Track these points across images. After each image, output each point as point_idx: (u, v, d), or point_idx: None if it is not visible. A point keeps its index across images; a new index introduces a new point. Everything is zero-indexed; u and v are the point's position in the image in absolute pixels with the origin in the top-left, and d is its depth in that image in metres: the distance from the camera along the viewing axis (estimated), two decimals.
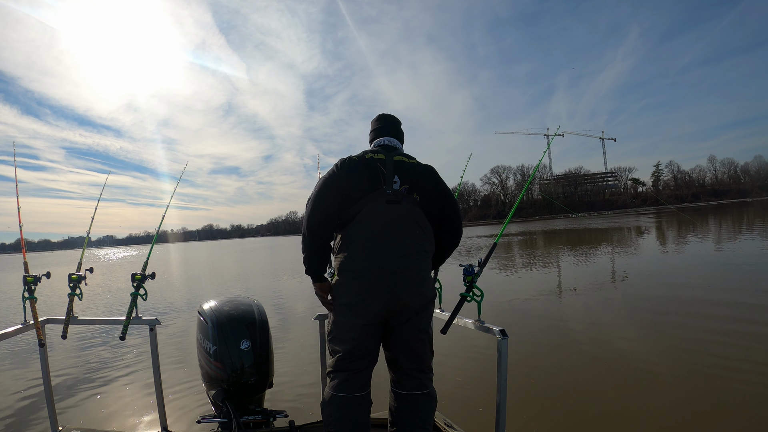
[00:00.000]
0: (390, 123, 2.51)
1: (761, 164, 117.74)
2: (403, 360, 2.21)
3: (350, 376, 2.14)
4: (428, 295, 2.22)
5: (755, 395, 4.21)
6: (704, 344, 5.77)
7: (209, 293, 14.39)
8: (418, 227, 2.19)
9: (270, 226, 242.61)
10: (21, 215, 2.96)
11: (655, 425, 3.79)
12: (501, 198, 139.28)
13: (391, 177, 2.22)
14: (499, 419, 2.31)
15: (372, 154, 2.30)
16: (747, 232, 23.02)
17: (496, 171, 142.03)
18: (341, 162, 2.27)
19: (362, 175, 2.21)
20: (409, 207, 2.19)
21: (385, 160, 2.27)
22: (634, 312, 7.92)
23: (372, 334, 2.15)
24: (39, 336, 2.66)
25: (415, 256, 2.15)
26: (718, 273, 11.33)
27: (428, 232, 2.25)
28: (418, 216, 2.20)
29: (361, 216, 2.15)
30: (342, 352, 2.15)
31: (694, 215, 45.48)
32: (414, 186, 2.25)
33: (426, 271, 2.22)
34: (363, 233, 2.13)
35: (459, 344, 6.11)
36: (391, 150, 2.36)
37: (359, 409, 2.15)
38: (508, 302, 9.28)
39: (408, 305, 2.13)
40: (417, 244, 2.17)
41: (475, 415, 4.08)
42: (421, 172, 2.32)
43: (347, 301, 2.14)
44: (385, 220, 2.14)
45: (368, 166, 2.24)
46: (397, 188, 2.21)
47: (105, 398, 5.14)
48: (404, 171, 2.26)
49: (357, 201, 2.17)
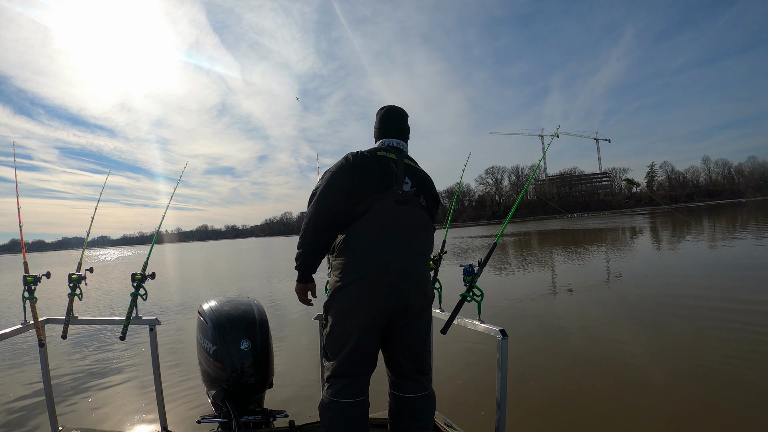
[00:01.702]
0: (400, 124, 2.45)
1: (755, 165, 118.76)
2: (403, 362, 2.19)
3: (350, 382, 2.09)
4: (429, 295, 2.23)
5: (750, 395, 4.25)
6: (699, 344, 5.82)
7: (209, 293, 14.34)
8: (424, 229, 2.21)
9: (265, 227, 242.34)
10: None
11: (655, 425, 3.82)
12: (496, 199, 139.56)
13: (402, 178, 2.21)
14: (499, 419, 2.32)
15: (384, 152, 2.26)
16: (741, 232, 23.16)
17: (491, 172, 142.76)
18: (352, 155, 2.19)
19: (373, 171, 2.16)
20: (417, 209, 2.20)
21: (397, 161, 2.25)
22: (629, 312, 7.97)
23: (373, 337, 2.11)
24: (39, 336, 2.65)
25: (420, 257, 2.17)
26: (712, 273, 11.42)
27: (431, 235, 2.28)
28: (424, 219, 2.23)
29: (370, 215, 2.09)
30: (341, 357, 2.10)
31: (688, 216, 45.64)
32: (421, 190, 2.26)
33: (428, 271, 2.24)
34: (371, 232, 2.08)
35: (459, 344, 6.13)
36: (400, 152, 2.34)
37: (359, 413, 2.12)
38: (504, 303, 9.31)
39: (411, 306, 2.11)
40: (422, 244, 2.19)
41: (475, 415, 4.09)
42: (426, 178, 2.35)
43: (350, 304, 2.07)
44: (395, 220, 2.12)
45: (380, 163, 2.20)
46: (407, 190, 2.20)
47: (105, 398, 5.13)
48: (414, 174, 2.27)
49: (366, 198, 2.11)
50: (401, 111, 2.49)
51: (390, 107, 2.50)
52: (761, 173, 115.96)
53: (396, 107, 2.50)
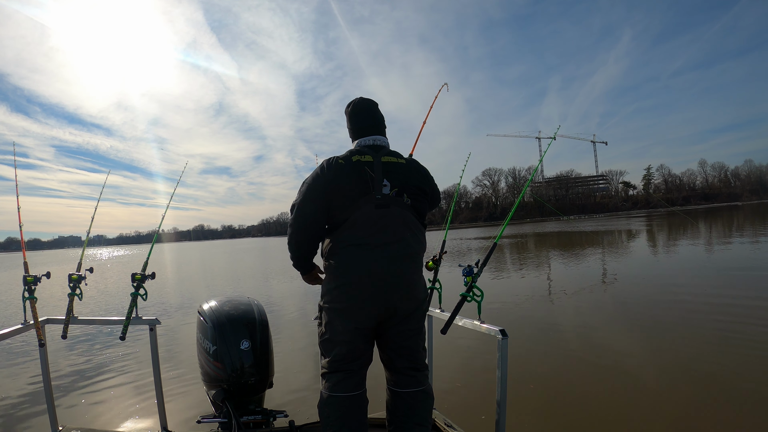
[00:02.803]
0: (372, 118, 2.35)
1: (752, 168, 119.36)
2: (398, 360, 2.20)
3: (345, 377, 2.12)
4: (419, 297, 2.20)
5: (746, 396, 4.28)
6: (696, 346, 5.85)
7: (208, 293, 14.30)
8: (409, 230, 2.15)
9: (261, 227, 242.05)
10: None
11: (654, 426, 3.84)
12: (492, 200, 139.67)
13: (381, 181, 2.14)
14: (499, 419, 2.32)
15: (359, 156, 2.18)
16: (737, 236, 23.27)
17: (488, 173, 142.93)
18: (327, 164, 2.16)
19: (350, 179, 2.12)
20: (400, 210, 2.13)
21: (374, 163, 2.17)
22: (626, 314, 8.00)
23: (365, 336, 2.13)
24: (39, 336, 2.65)
25: (407, 260, 2.13)
26: (708, 275, 11.47)
27: (419, 234, 2.21)
28: (408, 219, 2.15)
29: (350, 222, 2.09)
30: (334, 355, 2.14)
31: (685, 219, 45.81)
32: (404, 188, 2.17)
33: (417, 273, 2.20)
34: (353, 238, 2.09)
35: (459, 344, 6.15)
36: (379, 150, 2.24)
37: (356, 408, 2.13)
38: (501, 305, 9.32)
39: (399, 309, 2.11)
40: (408, 246, 2.13)
41: (475, 415, 4.10)
42: (410, 172, 2.24)
43: (339, 305, 2.11)
44: (376, 225, 2.08)
45: (356, 170, 2.14)
46: (387, 192, 2.13)
47: (105, 398, 5.13)
48: (394, 173, 2.18)
49: (346, 207, 2.10)
50: (370, 104, 2.39)
51: (357, 103, 2.39)
52: (758, 177, 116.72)
53: (364, 100, 2.40)
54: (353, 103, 2.40)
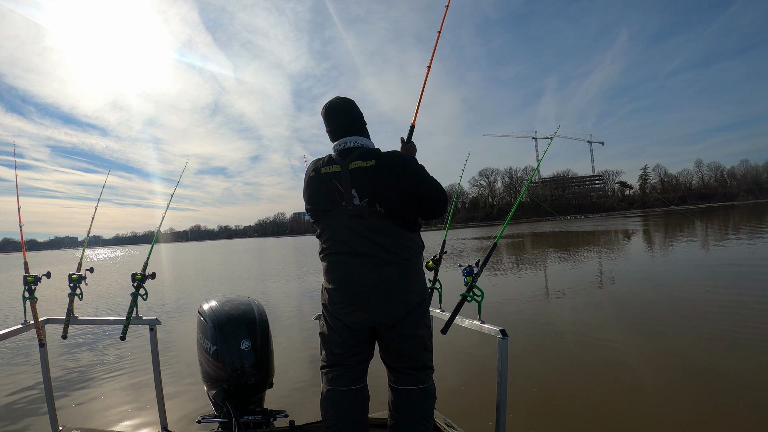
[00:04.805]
0: (340, 120, 2.28)
1: (748, 168, 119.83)
2: (396, 360, 2.20)
3: (343, 371, 2.16)
4: (411, 301, 2.14)
5: (743, 396, 4.31)
6: (694, 346, 5.88)
7: (208, 293, 14.27)
8: (386, 237, 2.09)
9: (257, 227, 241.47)
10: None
11: (653, 426, 3.85)
12: (489, 200, 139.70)
13: (350, 191, 2.11)
14: (500, 419, 2.32)
15: (328, 167, 2.17)
16: (733, 235, 23.36)
17: (484, 173, 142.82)
18: (306, 173, 2.28)
19: (322, 192, 2.18)
20: (373, 220, 2.09)
21: (341, 173, 2.13)
22: (623, 314, 8.04)
23: (359, 337, 2.15)
24: (39, 336, 2.65)
25: (386, 267, 2.08)
26: (704, 274, 11.51)
27: (399, 241, 2.13)
28: (384, 227, 2.09)
29: (327, 232, 2.17)
30: (332, 350, 2.19)
31: (680, 219, 45.94)
32: (374, 198, 2.09)
33: (404, 279, 2.12)
34: (334, 246, 2.15)
35: (459, 344, 6.17)
36: (349, 154, 2.18)
37: (355, 402, 2.15)
38: (499, 306, 9.34)
39: (387, 315, 2.09)
40: (387, 254, 2.08)
41: (476, 415, 4.11)
42: (380, 176, 2.11)
43: (330, 307, 2.18)
44: (350, 236, 2.10)
45: (325, 183, 2.15)
46: (357, 203, 2.10)
47: (105, 398, 5.12)
48: (363, 181, 2.11)
49: (322, 217, 2.19)
50: (341, 104, 2.31)
51: (329, 105, 2.33)
52: (753, 176, 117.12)
53: (334, 102, 2.32)
54: (325, 105, 2.35)
